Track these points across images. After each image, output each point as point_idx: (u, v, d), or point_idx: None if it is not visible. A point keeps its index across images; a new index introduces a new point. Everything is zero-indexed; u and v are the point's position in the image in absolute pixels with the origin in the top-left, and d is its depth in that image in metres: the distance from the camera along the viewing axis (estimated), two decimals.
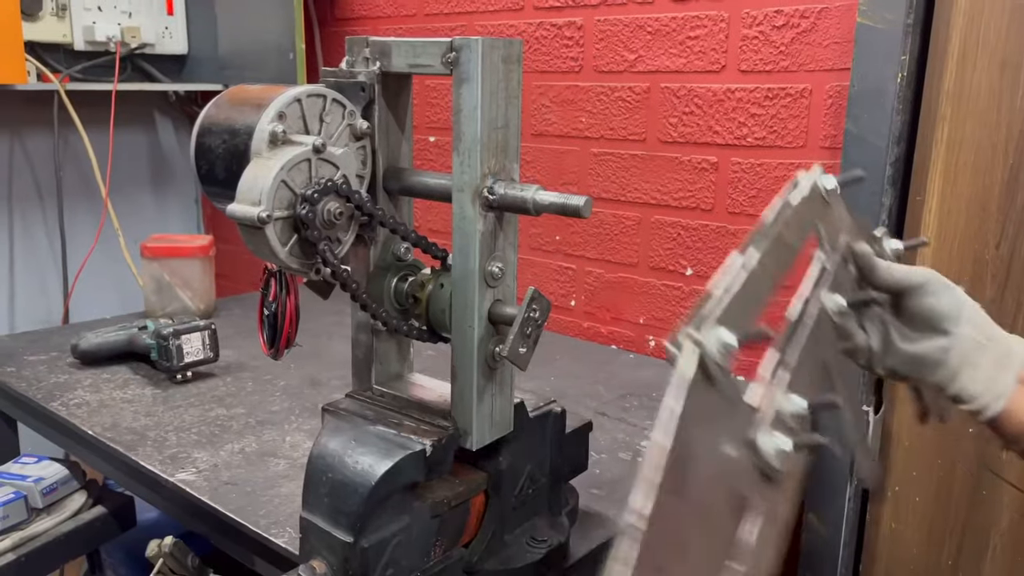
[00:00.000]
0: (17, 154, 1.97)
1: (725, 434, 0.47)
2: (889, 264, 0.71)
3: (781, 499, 0.50)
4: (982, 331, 0.68)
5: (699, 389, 0.44)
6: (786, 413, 0.51)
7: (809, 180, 0.68)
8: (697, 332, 0.46)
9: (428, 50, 0.69)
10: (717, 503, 0.45)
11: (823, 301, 0.63)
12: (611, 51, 1.49)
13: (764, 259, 0.56)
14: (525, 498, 0.83)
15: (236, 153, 0.67)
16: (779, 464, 0.48)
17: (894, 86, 1.17)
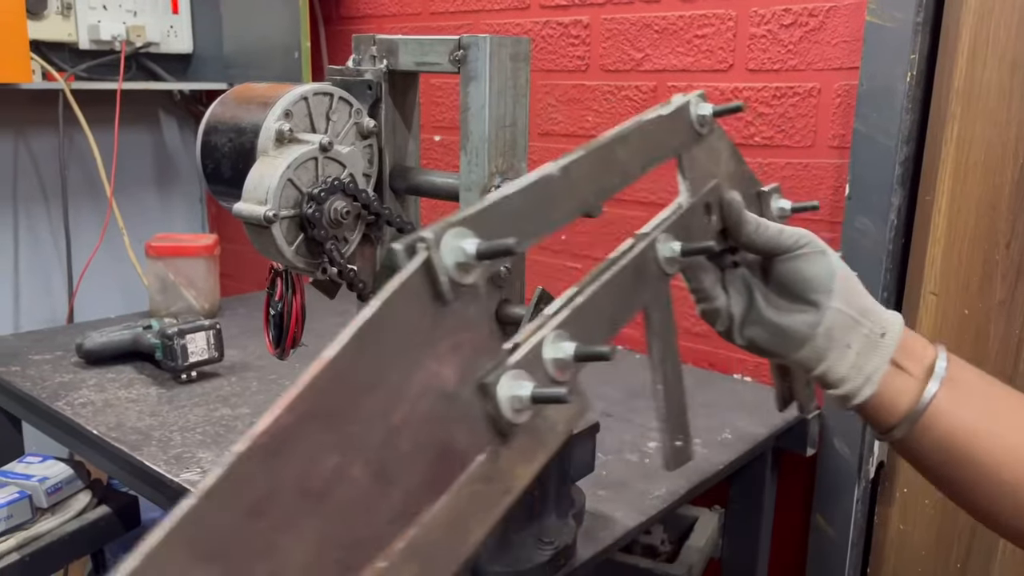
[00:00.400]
0: (22, 153, 1.97)
1: (451, 367, 0.39)
2: (760, 220, 0.63)
3: (516, 464, 0.42)
4: (855, 306, 0.60)
5: (414, 304, 0.38)
6: (547, 358, 0.45)
7: (680, 100, 0.62)
8: (433, 235, 0.39)
9: (435, 48, 0.69)
10: (405, 455, 0.37)
11: (657, 244, 0.58)
12: (618, 50, 1.49)
13: (574, 171, 0.50)
14: (531, 499, 0.82)
15: (242, 152, 0.66)
16: (511, 415, 0.41)
17: (903, 85, 1.16)
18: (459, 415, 0.40)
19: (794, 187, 1.32)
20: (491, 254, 0.41)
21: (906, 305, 1.23)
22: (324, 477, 0.33)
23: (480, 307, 0.42)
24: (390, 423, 0.36)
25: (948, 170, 1.17)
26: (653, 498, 1.01)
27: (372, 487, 0.35)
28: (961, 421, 0.59)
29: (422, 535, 0.37)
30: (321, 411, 0.33)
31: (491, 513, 0.40)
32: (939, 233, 1.18)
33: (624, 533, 0.93)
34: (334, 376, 0.34)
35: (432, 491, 0.38)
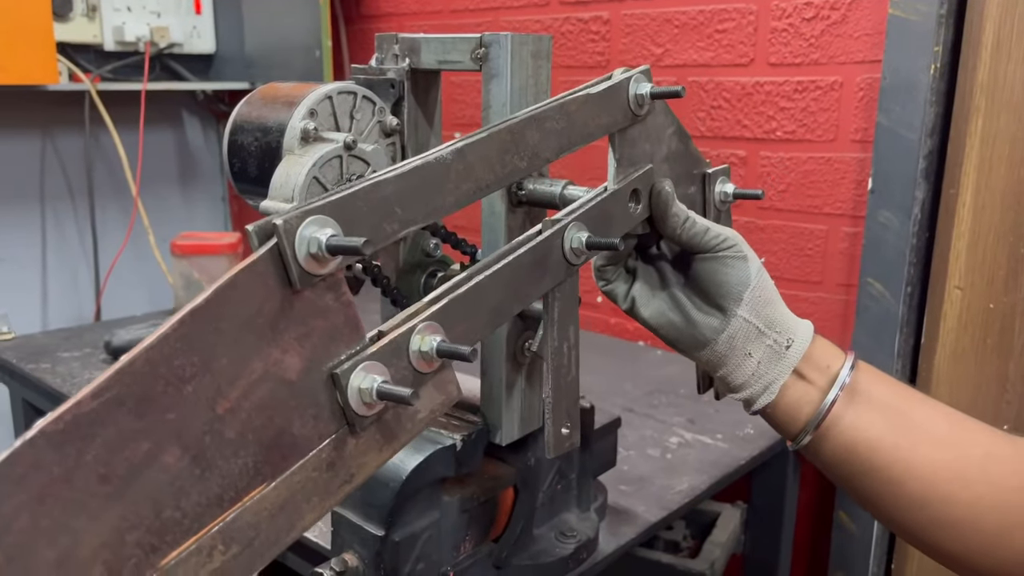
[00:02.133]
0: (49, 154, 2.00)
1: (296, 355, 0.39)
2: (689, 215, 0.62)
3: (364, 452, 0.42)
4: (763, 317, 0.60)
5: (259, 291, 0.37)
6: (412, 350, 0.44)
7: (620, 76, 0.61)
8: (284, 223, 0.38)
9: (457, 46, 0.69)
10: (230, 441, 0.36)
11: (566, 232, 0.57)
12: (638, 45, 1.49)
13: (470, 153, 0.49)
14: (554, 493, 0.83)
15: (268, 150, 0.67)
16: (359, 407, 0.41)
17: (927, 78, 1.15)
18: (301, 403, 0.39)
19: (816, 181, 1.31)
20: (341, 250, 0.40)
21: (931, 300, 1.22)
22: (130, 462, 0.33)
23: (338, 295, 0.41)
24: (215, 410, 0.36)
25: (973, 163, 1.15)
26: (675, 493, 1.01)
27: (188, 472, 0.35)
28: (863, 433, 0.59)
29: (244, 519, 0.37)
30: (131, 398, 0.33)
31: (327, 500, 0.40)
32: (964, 227, 1.17)
33: (646, 528, 0.93)
34: (151, 363, 0.34)
35: (260, 476, 0.38)
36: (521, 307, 0.55)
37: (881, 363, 1.24)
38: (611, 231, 0.61)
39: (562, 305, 0.60)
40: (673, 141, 0.67)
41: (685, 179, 0.69)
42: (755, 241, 1.39)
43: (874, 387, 0.60)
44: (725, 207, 0.72)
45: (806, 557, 1.45)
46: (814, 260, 1.34)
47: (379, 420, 0.43)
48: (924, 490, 0.57)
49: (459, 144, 0.50)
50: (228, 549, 0.37)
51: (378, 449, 0.43)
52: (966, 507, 0.56)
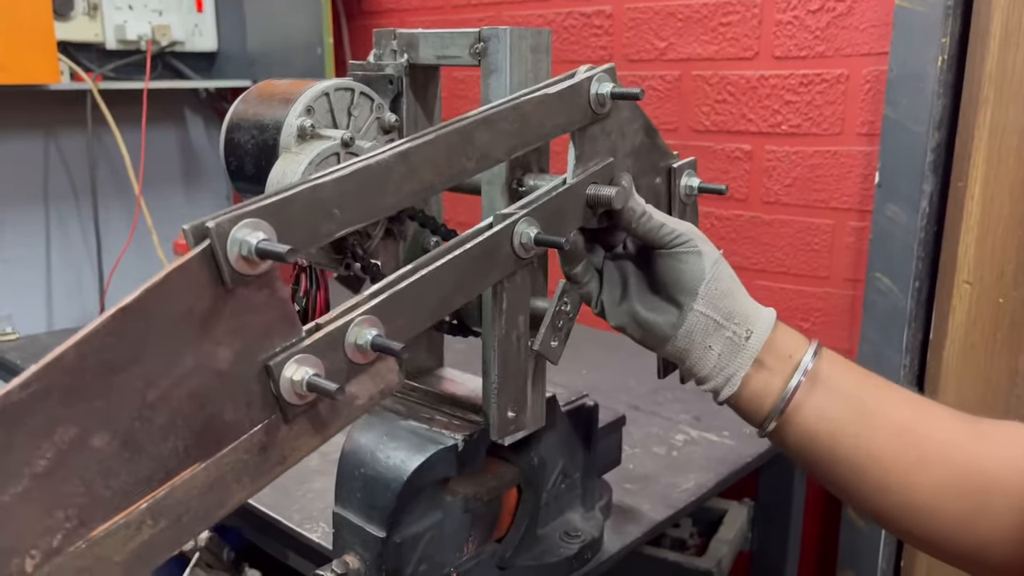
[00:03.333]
0: (52, 153, 2.00)
1: (228, 348, 0.41)
2: (646, 209, 0.62)
3: (298, 436, 0.45)
4: (721, 309, 0.60)
5: (191, 289, 0.39)
6: (347, 342, 0.46)
7: (582, 75, 0.61)
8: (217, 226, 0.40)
9: (456, 41, 0.68)
10: (159, 427, 0.39)
11: (516, 227, 0.57)
12: (641, 39, 1.47)
13: (414, 156, 0.50)
14: (558, 493, 0.82)
15: (265, 148, 0.66)
16: (291, 397, 0.43)
17: (934, 70, 1.14)
18: (234, 392, 0.42)
19: (822, 176, 1.30)
20: (268, 255, 0.41)
21: (939, 294, 1.21)
22: (59, 446, 0.36)
23: (273, 292, 0.42)
24: (145, 399, 0.39)
25: (981, 156, 1.14)
26: (681, 491, 1.00)
27: (117, 455, 0.38)
28: (824, 422, 0.59)
29: (173, 496, 0.40)
30: (58, 388, 0.36)
31: (259, 480, 0.44)
32: (972, 221, 1.15)
33: (652, 527, 0.93)
34: (80, 356, 0.36)
35: (191, 458, 0.41)
36: (466, 300, 0.56)
37: (889, 358, 1.23)
38: (564, 226, 0.61)
39: (512, 296, 0.61)
40: (639, 136, 0.67)
41: (650, 172, 0.69)
42: (761, 235, 1.38)
43: (836, 375, 0.60)
44: (691, 200, 0.73)
45: (814, 554, 1.44)
46: (821, 255, 1.33)
47: (313, 408, 0.46)
48: (885, 476, 0.57)
49: (404, 146, 0.50)
50: (157, 523, 0.40)
51: (312, 433, 0.46)
52: (927, 493, 0.56)
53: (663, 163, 0.70)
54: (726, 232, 1.42)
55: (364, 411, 0.48)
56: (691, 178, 0.72)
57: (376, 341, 0.47)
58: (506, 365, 0.64)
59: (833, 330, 1.33)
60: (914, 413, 0.59)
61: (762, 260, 1.39)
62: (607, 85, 0.63)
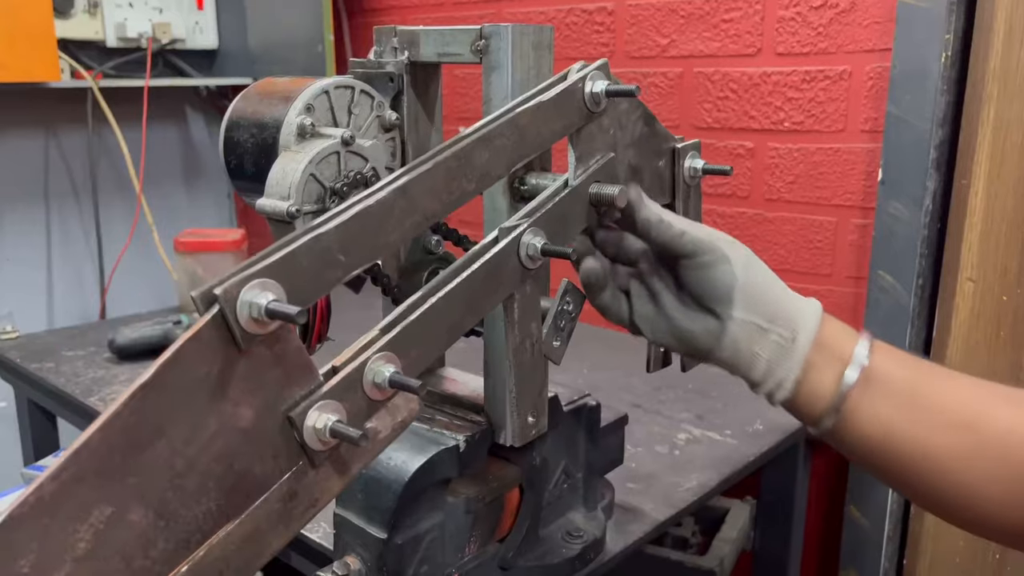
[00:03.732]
0: (52, 151, 1.99)
1: (249, 406, 0.41)
2: (662, 216, 0.60)
3: (326, 479, 0.45)
4: (761, 312, 0.58)
5: (205, 355, 0.39)
6: (365, 381, 0.46)
7: (575, 76, 0.60)
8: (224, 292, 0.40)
9: (457, 38, 0.68)
10: (192, 493, 0.40)
11: (522, 237, 0.56)
12: (643, 36, 1.47)
13: (413, 188, 0.49)
14: (560, 493, 0.82)
15: (264, 147, 0.66)
16: (316, 444, 0.43)
17: (938, 66, 1.13)
18: (260, 448, 0.42)
19: (825, 173, 1.30)
20: (279, 316, 0.41)
21: (942, 292, 1.20)
22: (96, 528, 0.37)
23: (286, 344, 0.43)
24: (175, 468, 0.39)
25: (985, 153, 1.13)
26: (684, 490, 1.00)
27: (153, 525, 0.39)
28: (878, 423, 0.57)
29: (212, 555, 0.40)
30: (89, 472, 0.36)
31: (293, 525, 0.44)
32: (976, 218, 1.15)
33: (654, 527, 0.92)
34: (106, 439, 0.37)
35: (224, 516, 0.41)
36: (476, 320, 0.55)
37: None
38: (570, 231, 0.61)
39: (523, 305, 0.61)
40: (638, 126, 0.66)
41: (653, 157, 0.68)
42: (763, 233, 1.38)
43: (889, 371, 0.58)
44: (695, 182, 0.72)
45: (817, 553, 1.43)
46: (823, 252, 1.32)
47: (338, 449, 0.46)
48: (941, 474, 0.56)
49: (402, 180, 0.49)
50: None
51: (340, 473, 0.46)
52: (982, 483, 0.55)
53: (666, 146, 0.69)
54: (728, 230, 1.41)
55: (387, 444, 0.48)
56: (695, 160, 0.71)
57: (394, 379, 0.47)
58: (522, 372, 0.64)
59: None
60: (971, 407, 0.57)
61: (765, 257, 1.37)
62: (601, 83, 0.62)
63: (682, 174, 0.70)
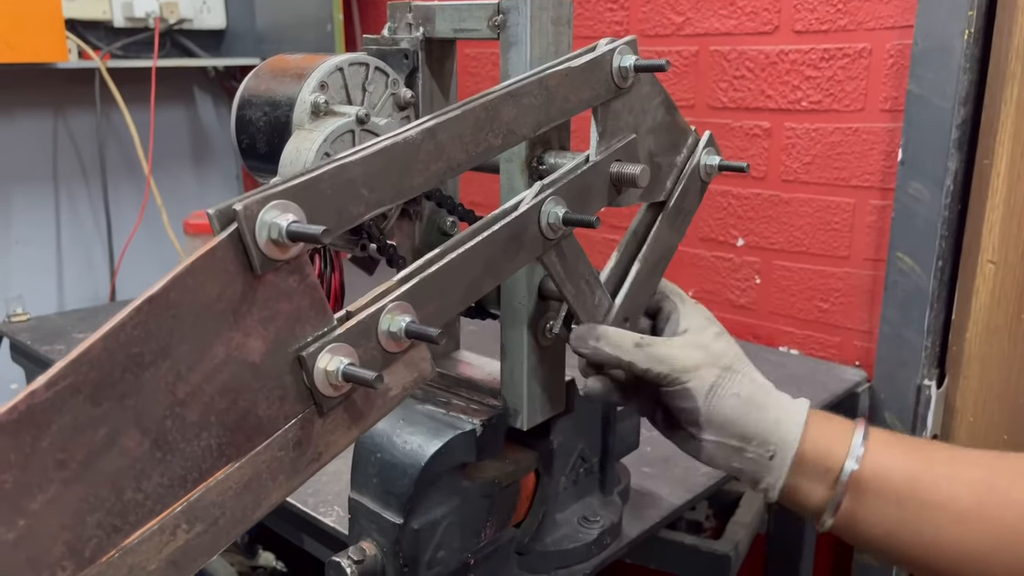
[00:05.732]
0: (61, 132, 1.98)
1: (259, 339, 0.39)
2: (634, 344, 0.61)
3: (332, 431, 0.43)
4: (735, 434, 0.60)
5: (219, 276, 0.37)
6: (381, 330, 0.44)
7: (603, 48, 0.59)
8: (244, 208, 0.38)
9: (474, 13, 0.66)
10: (192, 424, 0.37)
11: (543, 206, 0.55)
12: (658, 14, 1.44)
13: (440, 133, 0.48)
14: (576, 477, 0.81)
15: (277, 125, 0.64)
16: (326, 388, 0.42)
17: (960, 43, 1.11)
18: (266, 385, 0.40)
19: (843, 153, 1.27)
20: (301, 237, 0.39)
21: (963, 274, 1.18)
22: (88, 448, 0.34)
23: (303, 277, 0.41)
24: (176, 395, 0.36)
25: (1008, 132, 1.11)
26: (700, 475, 0.99)
27: (148, 455, 0.36)
28: (879, 523, 0.58)
29: (208, 498, 0.38)
30: (87, 385, 0.33)
31: (295, 477, 0.42)
32: (998, 199, 1.13)
33: (671, 511, 0.91)
34: (108, 351, 0.34)
35: (225, 457, 0.39)
36: (495, 283, 0.54)
37: (910, 340, 1.21)
38: (590, 205, 0.60)
39: (564, 264, 0.60)
40: (659, 112, 0.66)
41: (671, 150, 0.68)
42: (779, 215, 1.36)
43: (888, 469, 0.58)
44: (710, 179, 0.71)
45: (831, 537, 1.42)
46: (841, 234, 1.30)
47: (347, 399, 0.44)
48: (957, 566, 0.56)
49: (430, 123, 0.49)
50: (192, 527, 0.38)
51: (347, 428, 0.44)
52: (1004, 568, 0.55)
53: (682, 139, 0.69)
54: (744, 211, 1.40)
55: (398, 402, 0.47)
56: (711, 156, 0.70)
57: (410, 328, 0.45)
58: (591, 313, 0.64)
59: (853, 311, 1.31)
60: (978, 497, 0.56)
61: (781, 239, 1.36)
62: (630, 58, 0.61)
63: (698, 171, 0.69)
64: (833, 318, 1.33)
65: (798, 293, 1.36)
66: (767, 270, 1.39)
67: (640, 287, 0.67)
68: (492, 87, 0.55)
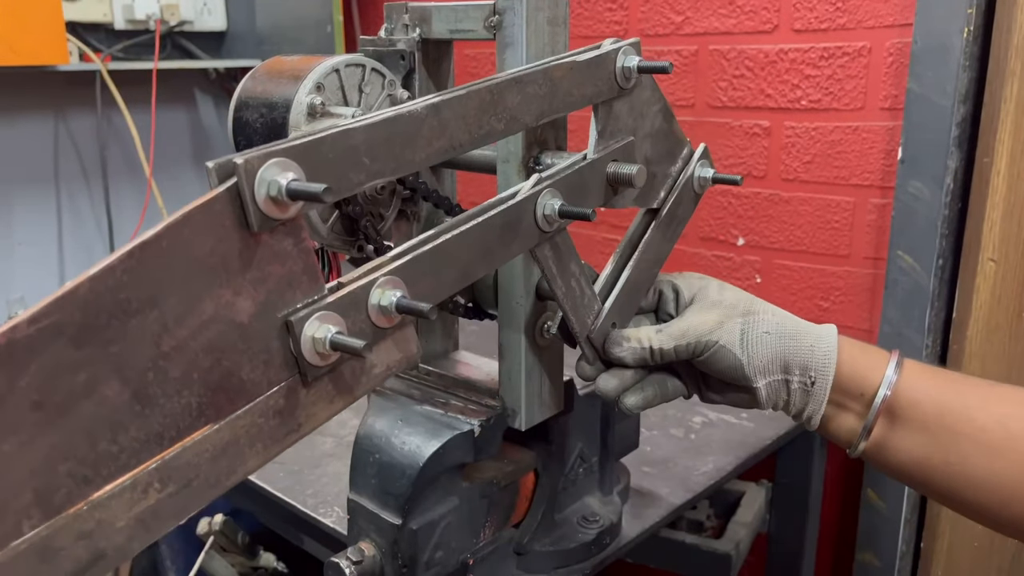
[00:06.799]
0: (62, 135, 1.99)
1: (249, 299, 0.38)
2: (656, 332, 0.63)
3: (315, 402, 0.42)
4: (779, 368, 0.62)
5: (214, 230, 0.36)
6: (371, 303, 0.44)
7: (608, 47, 0.60)
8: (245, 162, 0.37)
9: (470, 14, 0.66)
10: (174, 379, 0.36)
11: (539, 198, 0.56)
12: (657, 13, 1.44)
13: (445, 110, 0.48)
14: (576, 477, 0.81)
15: (274, 127, 0.64)
16: (312, 356, 0.41)
17: (960, 41, 1.11)
18: (252, 348, 0.39)
19: (843, 152, 1.27)
20: (301, 195, 0.39)
21: (963, 272, 1.18)
22: (66, 392, 0.32)
23: (298, 241, 0.40)
24: (160, 347, 0.35)
25: (1008, 130, 1.11)
26: (700, 474, 0.99)
27: (127, 407, 0.35)
28: (911, 456, 0.59)
29: (183, 458, 0.37)
30: (71, 326, 0.32)
31: (273, 447, 0.41)
32: (998, 197, 1.12)
33: (671, 511, 0.91)
34: (95, 293, 0.33)
35: (204, 417, 0.37)
36: (488, 269, 0.54)
37: (911, 339, 1.21)
38: (585, 202, 0.60)
39: (556, 260, 0.60)
40: (658, 119, 0.66)
41: (667, 159, 0.68)
42: (779, 213, 1.36)
43: (919, 397, 0.59)
44: (703, 191, 0.71)
45: (833, 536, 1.42)
46: (841, 233, 1.30)
47: (332, 371, 0.43)
48: (984, 498, 0.57)
49: (435, 99, 0.49)
50: (164, 487, 0.37)
51: (329, 400, 0.43)
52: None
53: (677, 150, 0.69)
54: (744, 210, 1.40)
55: (381, 380, 0.46)
56: (705, 168, 0.70)
57: (401, 302, 0.45)
58: (581, 314, 0.64)
59: (853, 310, 1.31)
60: (1007, 430, 0.57)
61: (781, 238, 1.36)
62: (633, 58, 0.62)
63: (691, 183, 0.70)
64: (834, 317, 1.32)
65: (799, 292, 1.36)
66: (767, 269, 1.39)
67: (630, 292, 0.67)
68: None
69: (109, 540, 0.35)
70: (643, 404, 0.66)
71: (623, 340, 0.64)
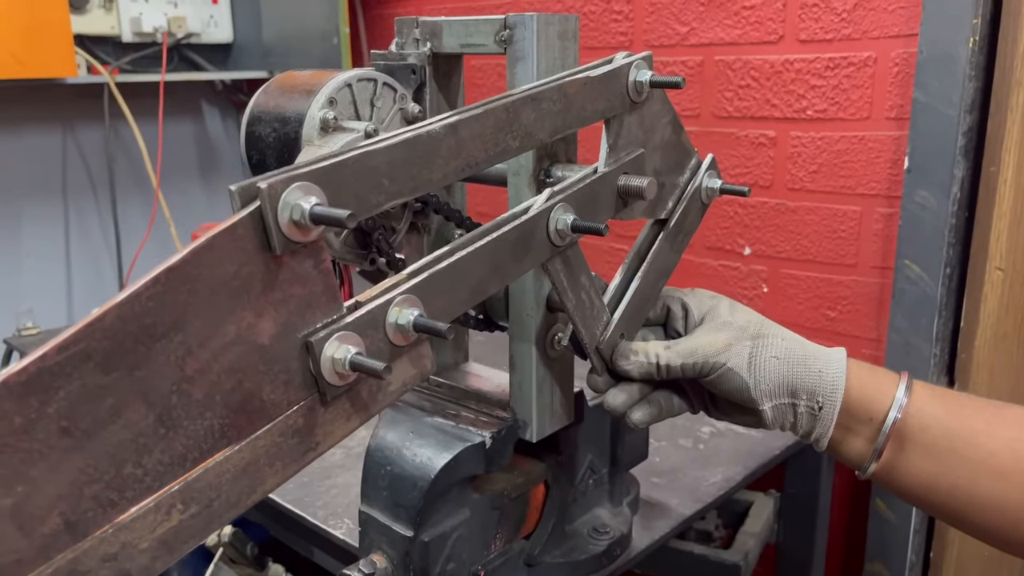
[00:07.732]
0: (70, 147, 2.00)
1: (271, 321, 0.39)
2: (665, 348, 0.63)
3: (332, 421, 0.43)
4: (786, 392, 0.62)
5: (237, 254, 0.36)
6: (389, 322, 0.44)
7: (620, 61, 0.60)
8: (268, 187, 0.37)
9: (481, 28, 0.66)
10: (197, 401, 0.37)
11: (552, 213, 0.56)
12: (662, 24, 1.45)
13: (463, 130, 0.49)
14: (586, 488, 0.81)
15: (287, 141, 0.65)
16: (331, 376, 0.41)
17: (966, 51, 1.11)
18: (273, 369, 0.40)
19: (849, 161, 1.28)
20: (325, 220, 0.39)
21: (971, 282, 1.18)
22: (93, 417, 0.33)
23: (318, 262, 0.40)
24: (184, 370, 0.36)
25: (1014, 139, 1.11)
26: (709, 485, 0.99)
27: (152, 430, 0.35)
28: (916, 474, 0.60)
29: (205, 479, 0.37)
30: (98, 353, 0.33)
31: (292, 465, 0.41)
32: (1005, 206, 1.13)
33: (680, 521, 0.91)
34: (122, 319, 0.33)
35: (225, 439, 0.38)
36: (502, 284, 0.55)
37: (919, 348, 1.21)
38: (597, 216, 0.61)
39: (567, 273, 0.61)
40: (667, 131, 0.67)
41: (676, 170, 0.69)
42: (786, 223, 1.36)
43: (927, 421, 0.60)
44: (710, 201, 0.72)
45: (842, 547, 1.42)
46: (848, 242, 1.30)
47: (350, 391, 0.44)
48: (993, 520, 0.58)
49: (453, 119, 0.49)
50: (187, 509, 0.37)
51: (346, 418, 0.44)
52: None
53: (686, 160, 0.70)
54: (750, 220, 1.40)
55: (397, 397, 0.47)
56: (713, 179, 0.71)
57: (419, 321, 0.45)
58: (591, 327, 0.64)
59: (861, 319, 1.31)
60: (1016, 455, 0.57)
61: (788, 248, 1.36)
62: (646, 73, 0.62)
63: (699, 194, 0.70)
64: (841, 326, 1.32)
65: (805, 301, 1.36)
66: (774, 279, 1.39)
67: (638, 303, 0.68)
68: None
69: (133, 562, 0.35)
70: (648, 419, 0.66)
71: (631, 353, 0.65)
